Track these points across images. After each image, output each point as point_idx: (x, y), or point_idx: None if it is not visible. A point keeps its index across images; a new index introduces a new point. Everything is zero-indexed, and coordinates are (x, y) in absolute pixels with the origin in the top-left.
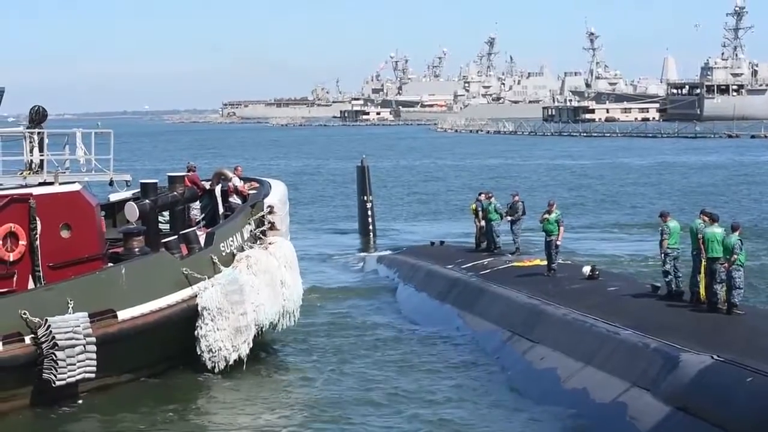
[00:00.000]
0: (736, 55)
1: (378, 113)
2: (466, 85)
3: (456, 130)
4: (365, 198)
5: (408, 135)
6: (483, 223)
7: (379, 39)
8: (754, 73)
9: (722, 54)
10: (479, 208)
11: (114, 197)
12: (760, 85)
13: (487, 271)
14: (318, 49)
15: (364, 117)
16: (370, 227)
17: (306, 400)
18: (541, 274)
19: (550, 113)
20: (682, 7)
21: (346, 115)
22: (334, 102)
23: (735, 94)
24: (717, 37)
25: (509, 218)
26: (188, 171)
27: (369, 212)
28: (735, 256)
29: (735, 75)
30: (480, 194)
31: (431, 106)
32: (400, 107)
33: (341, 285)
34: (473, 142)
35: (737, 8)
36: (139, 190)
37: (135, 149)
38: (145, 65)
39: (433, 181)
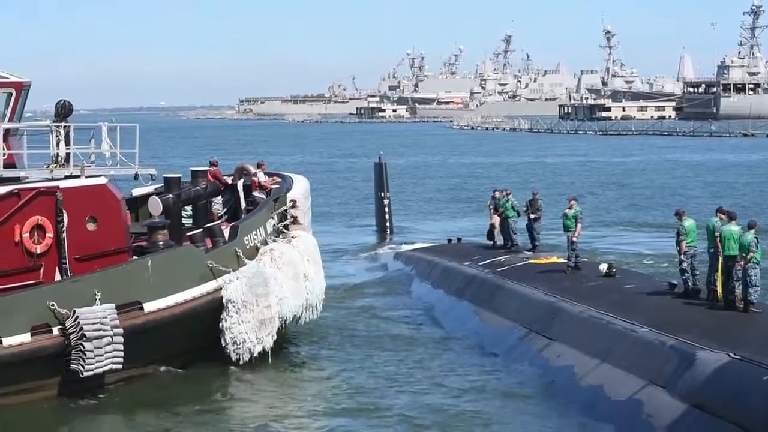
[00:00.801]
0: (753, 53)
1: (394, 110)
2: (483, 82)
3: (472, 128)
4: (382, 194)
5: (424, 132)
6: (493, 219)
7: (396, 36)
8: None
9: (739, 53)
10: (491, 206)
11: (136, 192)
12: None
13: (504, 268)
14: (335, 46)
15: (380, 114)
16: (387, 224)
17: (327, 394)
18: (557, 272)
19: (566, 111)
20: (698, 6)
21: (362, 112)
22: (350, 99)
23: (751, 92)
24: (733, 35)
25: (533, 216)
26: (211, 166)
27: (386, 209)
28: (751, 254)
29: (751, 74)
30: (494, 191)
31: (447, 103)
32: (416, 104)
33: (358, 281)
34: (489, 140)
35: (754, 7)
36: (161, 185)
37: (153, 145)
38: (161, 61)
39: (450, 178)
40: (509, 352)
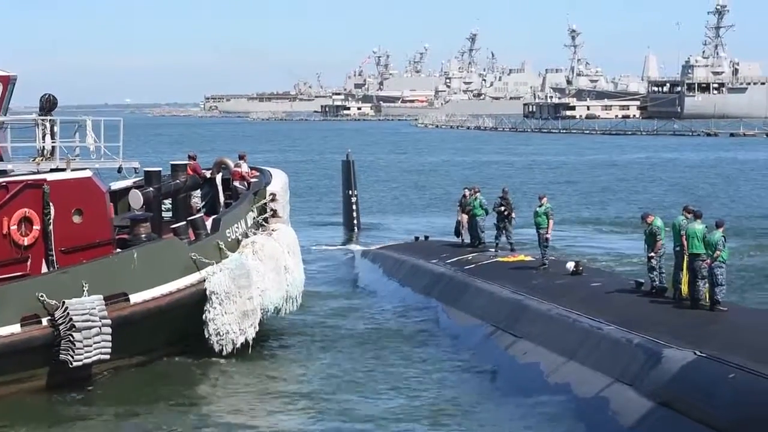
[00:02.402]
0: (717, 53)
1: (359, 108)
2: (447, 81)
3: (437, 126)
4: (350, 192)
5: (389, 130)
6: (461, 217)
7: (362, 34)
8: (735, 71)
9: (703, 52)
10: (458, 203)
11: (115, 186)
12: (741, 84)
13: (472, 266)
14: (301, 43)
15: (345, 112)
16: (355, 221)
17: (300, 389)
18: (524, 269)
19: (530, 110)
20: (663, 5)
21: (327, 110)
22: (316, 97)
23: (716, 92)
24: (698, 35)
25: (513, 215)
26: (190, 159)
27: (354, 206)
28: (718, 253)
29: (716, 73)
30: (465, 189)
31: (412, 101)
32: (381, 102)
33: (325, 279)
34: (454, 138)
35: (719, 7)
36: (140, 178)
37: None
38: (125, 58)
39: (416, 175)
40: (476, 349)
